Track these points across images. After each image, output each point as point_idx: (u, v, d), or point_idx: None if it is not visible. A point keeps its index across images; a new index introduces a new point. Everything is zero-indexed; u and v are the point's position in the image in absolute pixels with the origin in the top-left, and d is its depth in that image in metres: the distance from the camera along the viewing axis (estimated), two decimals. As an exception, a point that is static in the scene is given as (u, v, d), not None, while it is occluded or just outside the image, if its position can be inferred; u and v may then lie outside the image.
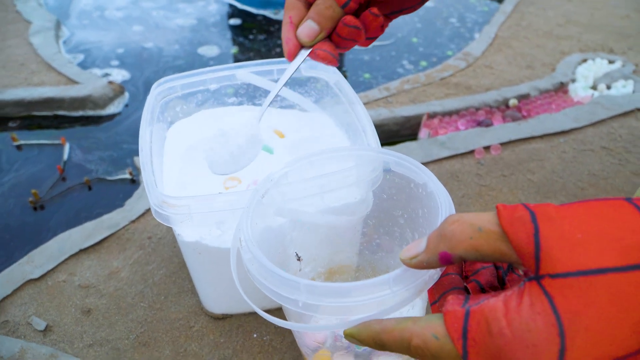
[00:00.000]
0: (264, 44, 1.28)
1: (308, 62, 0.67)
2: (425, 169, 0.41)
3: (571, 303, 0.21)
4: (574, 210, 0.23)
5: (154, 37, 1.30)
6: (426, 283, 0.32)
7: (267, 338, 0.61)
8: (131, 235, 0.74)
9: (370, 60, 1.23)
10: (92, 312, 0.64)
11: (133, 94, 1.09)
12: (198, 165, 0.62)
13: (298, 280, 0.33)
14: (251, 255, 0.37)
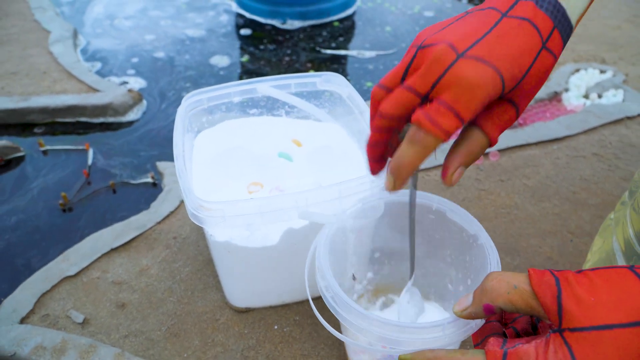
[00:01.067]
0: (274, 53, 1.34)
1: (323, 75, 0.73)
2: (476, 221, 0.51)
3: (585, 352, 0.28)
4: (588, 278, 0.30)
5: (165, 46, 1.36)
6: (472, 329, 0.41)
7: (287, 329, 0.67)
8: (158, 235, 0.80)
9: (374, 70, 1.29)
10: (125, 306, 0.70)
11: (150, 101, 1.15)
12: (224, 171, 0.68)
13: (369, 314, 0.43)
14: (328, 284, 0.47)
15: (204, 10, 1.55)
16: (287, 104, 0.76)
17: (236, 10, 1.54)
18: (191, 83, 1.21)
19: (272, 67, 1.28)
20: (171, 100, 1.16)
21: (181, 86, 1.20)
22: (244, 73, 1.26)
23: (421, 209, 0.55)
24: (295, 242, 0.61)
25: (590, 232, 0.81)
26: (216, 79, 1.23)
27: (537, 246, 0.79)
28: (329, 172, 0.68)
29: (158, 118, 1.10)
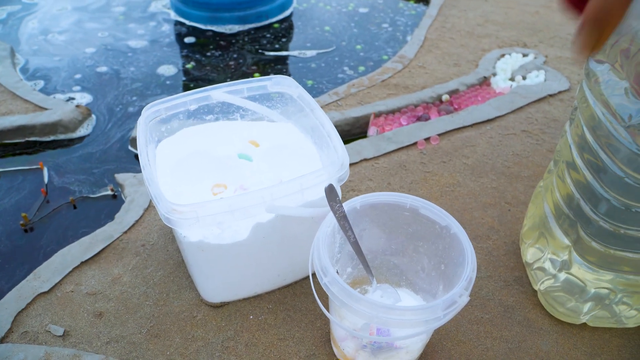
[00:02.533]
0: (220, 59, 1.37)
1: (273, 79, 0.78)
2: (447, 214, 0.60)
3: None
4: None
5: (107, 60, 1.36)
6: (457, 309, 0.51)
7: (262, 318, 0.72)
8: (125, 244, 0.82)
9: (317, 68, 1.35)
10: (103, 314, 0.73)
11: (99, 115, 1.16)
12: (188, 176, 0.72)
13: (374, 300, 0.51)
14: (331, 278, 0.53)
15: (144, 21, 1.56)
16: (241, 108, 0.80)
17: (175, 18, 1.56)
18: (138, 95, 1.22)
19: (218, 73, 1.31)
20: (120, 113, 1.17)
21: (128, 100, 1.21)
22: (190, 81, 1.29)
23: (397, 207, 0.63)
24: (264, 235, 0.65)
25: (525, 201, 0.90)
26: (163, 89, 1.25)
27: (480, 218, 0.87)
28: (286, 168, 0.73)
29: (109, 131, 1.12)
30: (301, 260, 0.73)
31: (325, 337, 0.69)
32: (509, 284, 0.76)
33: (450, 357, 0.67)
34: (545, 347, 0.69)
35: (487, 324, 0.71)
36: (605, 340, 0.70)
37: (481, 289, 0.76)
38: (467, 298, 0.52)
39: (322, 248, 0.55)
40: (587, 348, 0.69)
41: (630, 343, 0.69)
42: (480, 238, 0.83)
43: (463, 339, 0.69)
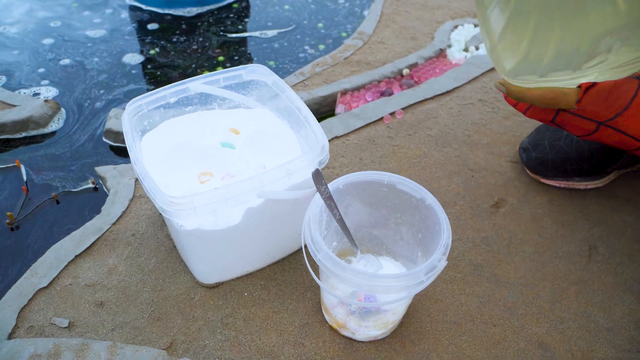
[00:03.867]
0: (184, 44, 1.38)
1: (248, 67, 0.82)
2: (421, 187, 0.67)
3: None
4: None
5: (67, 51, 1.35)
6: (436, 273, 0.59)
7: (256, 294, 0.78)
8: (116, 235, 0.86)
9: (280, 48, 1.38)
10: (104, 303, 0.77)
11: (68, 109, 1.16)
12: (174, 167, 0.75)
13: (364, 271, 0.58)
14: (325, 254, 0.59)
15: (98, 8, 1.54)
16: (218, 97, 0.84)
17: (131, 3, 1.55)
18: (105, 88, 1.23)
19: (184, 58, 1.33)
20: (90, 105, 1.18)
21: (95, 92, 1.21)
22: (157, 68, 1.30)
23: (376, 184, 0.69)
24: (254, 218, 0.70)
25: (486, 167, 0.98)
26: (129, 79, 1.25)
27: (447, 185, 0.95)
28: (268, 153, 0.77)
29: (81, 124, 1.13)
30: (288, 237, 0.79)
31: (316, 307, 0.76)
32: (476, 245, 0.84)
33: (430, 315, 0.75)
34: (512, 298, 0.77)
35: (460, 282, 0.79)
36: (563, 288, 0.79)
37: (452, 251, 0.83)
38: (445, 262, 0.59)
39: (313, 227, 0.61)
40: (549, 296, 0.78)
41: (586, 289, 0.79)
42: (448, 204, 0.91)
43: (440, 298, 0.77)
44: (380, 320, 0.68)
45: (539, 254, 0.84)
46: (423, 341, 0.72)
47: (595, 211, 0.90)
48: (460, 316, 0.75)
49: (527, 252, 0.84)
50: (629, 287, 0.79)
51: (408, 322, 0.74)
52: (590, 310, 0.77)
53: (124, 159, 1.05)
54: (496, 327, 0.74)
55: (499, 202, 0.91)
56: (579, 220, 0.89)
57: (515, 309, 0.76)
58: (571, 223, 0.88)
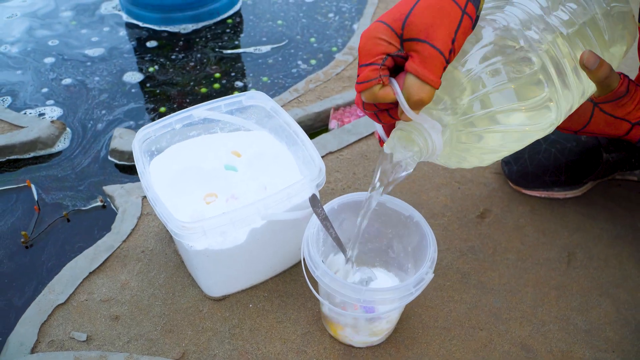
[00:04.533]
0: (183, 61, 1.43)
1: (247, 94, 0.88)
2: (409, 206, 0.73)
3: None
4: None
5: (67, 70, 1.40)
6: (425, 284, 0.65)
7: (260, 305, 0.84)
8: (127, 252, 0.91)
9: (274, 63, 1.44)
10: (119, 317, 0.82)
11: (73, 128, 1.21)
12: (181, 189, 0.81)
13: (359, 286, 0.63)
14: (322, 271, 0.65)
15: (96, 26, 1.58)
16: (220, 122, 0.89)
17: (127, 20, 1.59)
18: (106, 108, 1.28)
19: (182, 75, 1.38)
20: (94, 124, 1.23)
21: (98, 111, 1.26)
22: (156, 86, 1.35)
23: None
24: (258, 237, 0.76)
25: (471, 179, 1.04)
26: (129, 99, 1.30)
27: (435, 197, 1.01)
28: (268, 175, 0.83)
29: (86, 144, 1.18)
30: (289, 252, 0.85)
31: (316, 316, 0.82)
32: (464, 254, 0.91)
33: (422, 321, 0.81)
34: (497, 303, 0.84)
35: (449, 290, 0.86)
36: (544, 293, 0.85)
37: (441, 260, 0.90)
38: (432, 275, 0.65)
39: (311, 246, 0.67)
40: (531, 301, 0.84)
41: (565, 293, 0.86)
42: (436, 215, 0.97)
43: (431, 305, 0.84)
44: (376, 327, 0.74)
45: (522, 261, 0.90)
46: (416, 346, 0.78)
47: (574, 219, 0.97)
48: (450, 322, 0.81)
49: (510, 260, 0.90)
50: (605, 291, 0.86)
51: (402, 328, 0.80)
52: (569, 313, 0.83)
53: (130, 177, 1.10)
54: (483, 331, 0.80)
55: (484, 212, 0.98)
56: (559, 228, 0.95)
57: (500, 314, 0.83)
58: (551, 231, 0.95)
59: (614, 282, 0.87)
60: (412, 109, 0.51)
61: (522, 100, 0.55)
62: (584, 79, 0.60)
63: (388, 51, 0.51)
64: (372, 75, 0.50)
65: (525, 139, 0.58)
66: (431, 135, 0.55)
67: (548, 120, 0.57)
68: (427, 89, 0.49)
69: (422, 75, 0.49)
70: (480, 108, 0.54)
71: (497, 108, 0.54)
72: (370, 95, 0.52)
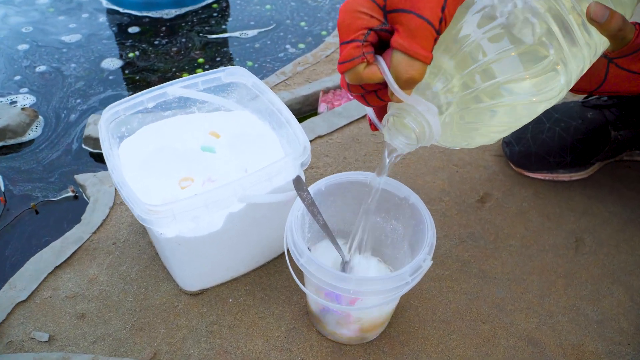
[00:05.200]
0: (166, 47, 1.36)
1: (227, 70, 0.80)
2: (405, 186, 0.65)
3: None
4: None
5: (42, 57, 1.32)
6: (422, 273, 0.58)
7: (241, 299, 0.76)
8: (97, 244, 0.84)
9: (261, 47, 1.37)
10: (85, 315, 0.75)
11: (46, 116, 1.14)
12: (154, 173, 0.74)
13: (348, 275, 0.57)
14: (307, 259, 0.58)
15: (74, 13, 1.51)
16: (197, 101, 0.82)
17: (107, 6, 1.52)
18: (81, 96, 1.20)
19: (164, 61, 1.30)
20: (68, 111, 1.16)
21: (73, 98, 1.19)
22: (135, 72, 1.28)
23: (358, 184, 0.68)
24: (236, 222, 0.69)
25: (470, 161, 0.97)
26: (106, 86, 1.23)
27: (432, 181, 0.94)
28: (249, 156, 0.76)
29: (59, 132, 1.10)
30: (272, 241, 0.77)
31: (302, 310, 0.75)
32: (463, 241, 0.84)
33: (418, 314, 0.74)
34: (500, 294, 0.77)
35: (447, 280, 0.78)
36: (551, 281, 0.78)
37: (439, 247, 0.82)
38: (430, 262, 0.58)
39: (295, 232, 0.60)
40: (537, 290, 0.77)
41: (574, 281, 0.78)
42: (434, 201, 0.90)
43: (428, 296, 0.76)
44: (367, 322, 0.67)
45: (526, 247, 0.83)
46: (412, 342, 0.71)
47: (581, 202, 0.90)
48: (449, 314, 0.74)
49: (513, 247, 0.83)
50: (616, 278, 0.79)
51: (396, 322, 0.73)
52: (579, 303, 0.76)
53: (104, 166, 1.02)
54: (485, 324, 0.73)
55: (484, 196, 0.91)
56: (565, 212, 0.88)
57: (503, 305, 0.75)
58: (557, 215, 0.88)
59: (626, 269, 0.80)
60: (403, 88, 0.44)
61: (528, 68, 0.48)
62: (594, 34, 0.53)
63: (370, 25, 0.44)
64: (355, 53, 0.44)
65: (536, 110, 0.51)
66: (427, 118, 0.48)
67: (557, 86, 0.50)
68: (417, 65, 0.43)
69: (409, 50, 0.42)
70: (483, 80, 0.47)
71: (502, 78, 0.47)
72: (354, 76, 0.45)
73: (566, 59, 0.49)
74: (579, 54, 0.51)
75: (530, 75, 0.48)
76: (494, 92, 0.48)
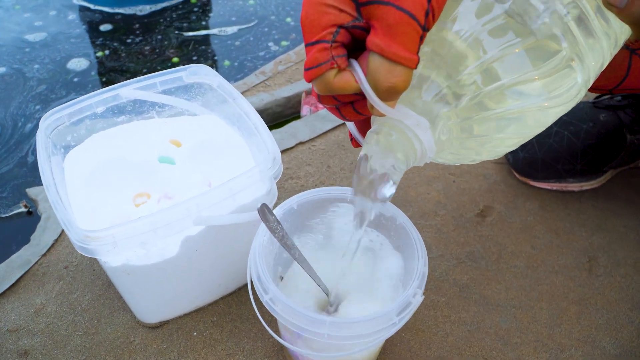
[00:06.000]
0: (139, 45, 1.26)
1: (189, 68, 0.70)
2: (393, 205, 0.56)
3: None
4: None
5: (2, 58, 1.22)
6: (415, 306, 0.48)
7: (207, 333, 0.66)
8: (46, 269, 0.74)
9: (242, 45, 1.27)
10: (28, 352, 0.65)
11: (4, 123, 1.04)
12: (104, 188, 0.64)
13: (324, 318, 0.46)
14: (273, 296, 0.48)
15: (41, 10, 1.40)
16: (156, 104, 0.72)
17: (78, 3, 1.42)
18: (41, 101, 1.10)
19: (136, 61, 1.20)
20: (25, 118, 1.06)
21: (33, 105, 1.09)
22: (102, 74, 1.17)
23: (337, 201, 0.58)
24: (196, 247, 0.59)
25: (468, 170, 0.87)
26: (69, 89, 1.13)
27: (426, 193, 0.84)
28: (214, 168, 0.66)
29: (13, 141, 1.00)
30: (243, 265, 0.66)
31: (278, 345, 0.65)
32: (461, 261, 0.74)
33: (410, 349, 0.64)
34: (505, 324, 0.67)
35: (444, 307, 0.69)
36: (562, 309, 0.69)
37: (434, 270, 0.73)
38: (422, 297, 0.48)
39: (259, 263, 0.50)
40: (546, 320, 0.67)
41: (588, 308, 0.69)
42: (428, 215, 0.80)
43: (421, 327, 0.66)
44: (350, 362, 0.57)
45: (533, 268, 0.73)
46: (402, 383, 0.61)
47: (593, 216, 0.80)
48: (446, 349, 0.64)
49: (519, 268, 0.73)
50: (636, 303, 0.69)
51: (385, 359, 0.63)
52: (594, 334, 0.66)
53: (63, 177, 0.92)
54: (487, 361, 0.64)
55: (485, 210, 0.81)
56: (575, 227, 0.79)
57: (508, 338, 0.66)
58: (567, 231, 0.78)
59: (647, 293, 0.71)
60: (384, 100, 0.34)
61: (537, 66, 0.38)
62: (613, 21, 0.43)
63: (340, 21, 0.34)
64: (322, 58, 0.34)
65: (550, 117, 0.41)
66: (417, 134, 0.38)
67: (574, 86, 0.40)
68: (399, 71, 0.33)
69: (388, 53, 0.32)
70: (484, 84, 0.38)
71: (507, 80, 0.38)
72: (323, 85, 0.35)
73: (582, 53, 0.40)
74: (597, 46, 0.42)
75: (540, 75, 0.38)
76: (499, 97, 0.38)
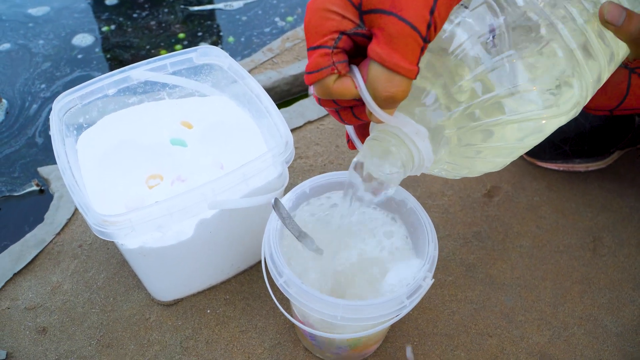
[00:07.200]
0: (144, 20, 1.24)
1: (199, 49, 0.70)
2: (403, 189, 0.56)
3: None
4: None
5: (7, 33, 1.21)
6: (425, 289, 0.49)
7: (220, 310, 0.68)
8: (61, 247, 0.75)
9: (249, 20, 1.25)
10: (47, 329, 0.67)
11: (10, 100, 1.04)
12: (117, 170, 0.65)
13: (338, 301, 0.47)
14: (287, 279, 0.49)
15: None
16: (167, 85, 0.72)
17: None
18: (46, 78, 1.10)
19: (141, 37, 1.20)
20: (35, 95, 1.06)
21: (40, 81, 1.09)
22: (107, 50, 1.17)
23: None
24: (210, 230, 0.60)
25: (476, 149, 0.88)
26: (73, 66, 1.12)
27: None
28: (226, 150, 0.67)
29: (24, 117, 1.01)
30: (255, 245, 0.69)
31: (289, 323, 0.67)
32: (468, 241, 0.75)
33: (417, 327, 0.66)
34: (509, 302, 0.69)
35: (450, 287, 0.70)
36: (566, 288, 0.70)
37: (441, 249, 0.74)
38: (431, 280, 0.50)
39: (273, 246, 0.51)
40: (550, 298, 0.69)
41: (591, 288, 0.70)
42: (435, 195, 0.81)
43: (429, 306, 0.68)
44: (359, 342, 0.59)
45: (538, 248, 0.75)
46: None
47: (599, 196, 0.81)
48: (452, 327, 0.66)
49: (524, 247, 0.75)
50: (638, 283, 0.71)
51: (393, 336, 0.65)
52: (596, 312, 0.68)
53: (73, 156, 0.93)
54: (493, 338, 0.65)
55: (492, 190, 0.82)
56: (581, 207, 0.80)
57: (513, 316, 0.68)
58: (572, 211, 0.79)
59: (649, 273, 0.72)
60: (382, 108, 0.35)
61: (534, 78, 0.39)
62: (610, 39, 0.43)
63: (342, 28, 0.35)
64: (323, 63, 0.35)
65: (546, 129, 0.42)
66: (415, 142, 0.39)
67: (571, 100, 0.41)
68: (399, 81, 0.34)
69: (389, 63, 0.33)
70: (483, 93, 0.39)
71: (501, 91, 0.39)
72: (323, 90, 0.36)
73: (580, 68, 0.40)
74: (594, 62, 0.42)
75: (537, 88, 0.39)
76: (497, 107, 0.39)
